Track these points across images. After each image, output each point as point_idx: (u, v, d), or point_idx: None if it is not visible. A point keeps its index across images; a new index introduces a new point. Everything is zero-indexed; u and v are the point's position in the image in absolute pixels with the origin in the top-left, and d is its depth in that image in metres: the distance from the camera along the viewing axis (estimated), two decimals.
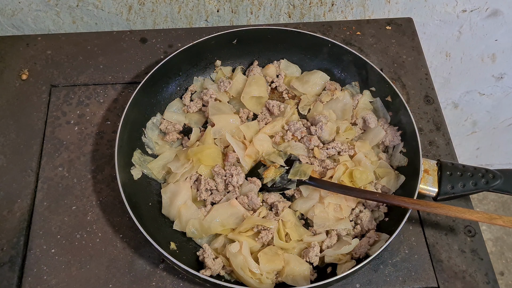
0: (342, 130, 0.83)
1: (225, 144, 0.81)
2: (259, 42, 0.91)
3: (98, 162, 0.81)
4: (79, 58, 0.92)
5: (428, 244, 0.74)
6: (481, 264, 0.73)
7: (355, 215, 0.76)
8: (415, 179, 0.72)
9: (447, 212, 0.67)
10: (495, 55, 1.22)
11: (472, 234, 0.76)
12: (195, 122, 0.86)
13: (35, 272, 0.70)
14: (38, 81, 0.89)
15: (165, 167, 0.79)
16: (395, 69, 0.94)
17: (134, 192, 0.75)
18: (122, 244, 0.73)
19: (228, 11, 1.04)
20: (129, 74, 0.91)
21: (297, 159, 0.79)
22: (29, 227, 0.74)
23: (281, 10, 1.05)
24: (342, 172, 0.77)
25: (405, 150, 0.80)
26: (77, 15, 0.99)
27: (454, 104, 1.41)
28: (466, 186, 0.72)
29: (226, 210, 0.73)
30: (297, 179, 0.76)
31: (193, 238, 0.74)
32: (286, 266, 0.69)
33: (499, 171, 0.72)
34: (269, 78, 0.91)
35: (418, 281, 0.71)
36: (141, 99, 0.82)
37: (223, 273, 0.70)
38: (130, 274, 0.71)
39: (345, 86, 0.90)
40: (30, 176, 0.79)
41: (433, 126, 0.87)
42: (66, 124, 0.84)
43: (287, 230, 0.73)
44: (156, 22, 1.04)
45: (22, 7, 0.95)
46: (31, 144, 0.82)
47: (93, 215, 0.76)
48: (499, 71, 1.29)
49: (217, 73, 0.91)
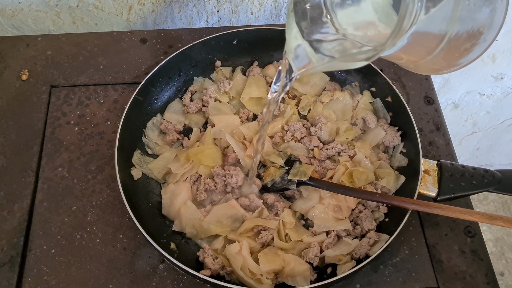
0: (342, 130, 0.83)
1: (225, 145, 0.81)
2: (259, 42, 0.90)
3: (98, 163, 0.81)
4: (79, 59, 0.92)
5: (428, 244, 0.74)
6: (481, 264, 0.73)
7: (355, 216, 0.76)
8: (415, 180, 0.72)
9: (447, 213, 0.67)
10: (495, 56, 1.22)
11: (472, 234, 0.76)
12: (195, 123, 0.86)
13: (35, 273, 0.70)
14: (38, 81, 0.89)
15: (165, 168, 0.79)
16: (395, 69, 0.94)
17: (134, 193, 0.76)
18: (122, 244, 0.73)
19: (228, 12, 1.04)
20: (129, 74, 0.91)
21: (297, 159, 0.79)
22: (29, 228, 0.74)
23: (281, 10, 1.05)
24: (342, 172, 0.77)
25: (405, 151, 0.80)
26: (77, 15, 0.99)
27: (454, 105, 1.41)
28: (466, 187, 0.72)
29: (225, 211, 0.73)
30: (297, 179, 0.76)
31: (193, 238, 0.74)
32: (286, 266, 0.69)
33: (499, 172, 0.72)
34: (269, 79, 0.91)
35: (418, 282, 0.71)
36: (141, 99, 0.82)
37: (223, 273, 0.70)
38: (130, 275, 0.71)
39: (345, 86, 0.90)
40: (30, 176, 0.79)
41: (433, 126, 0.87)
42: (66, 125, 0.84)
43: (287, 230, 0.73)
44: (156, 23, 1.04)
45: (22, 8, 0.95)
46: (31, 144, 0.82)
47: (93, 215, 0.76)
48: (499, 72, 1.29)
49: (217, 73, 0.91)
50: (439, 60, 0.50)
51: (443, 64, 0.52)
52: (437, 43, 0.46)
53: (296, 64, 0.55)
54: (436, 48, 0.47)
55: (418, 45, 0.47)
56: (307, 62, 0.53)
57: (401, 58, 0.52)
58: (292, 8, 0.52)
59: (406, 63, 0.54)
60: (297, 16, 0.52)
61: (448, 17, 0.44)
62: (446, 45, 0.46)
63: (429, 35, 0.46)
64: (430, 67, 0.53)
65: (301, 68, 0.54)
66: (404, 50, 0.47)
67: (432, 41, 0.47)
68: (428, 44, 0.47)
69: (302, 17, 0.52)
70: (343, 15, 0.51)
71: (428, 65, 0.52)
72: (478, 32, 0.47)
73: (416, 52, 0.49)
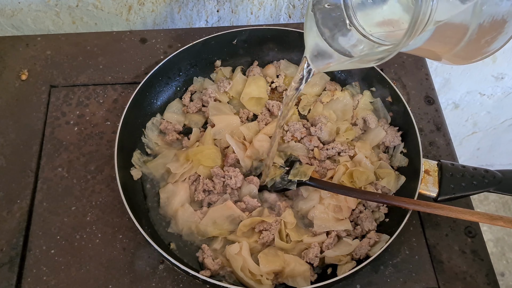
0: (342, 130, 0.82)
1: (225, 145, 0.81)
2: (259, 42, 0.90)
3: (97, 163, 0.80)
4: (79, 59, 0.92)
5: (428, 245, 0.74)
6: (481, 265, 0.73)
7: (356, 216, 0.76)
8: (416, 180, 0.72)
9: (448, 213, 0.67)
10: (495, 56, 1.22)
11: (472, 234, 0.75)
12: (195, 123, 0.86)
13: (35, 273, 0.70)
14: (37, 81, 0.89)
15: (164, 167, 0.79)
16: (396, 69, 0.94)
17: (134, 193, 0.75)
18: (122, 244, 0.73)
19: (228, 11, 1.04)
20: (129, 74, 0.91)
21: (298, 159, 0.78)
22: (29, 228, 0.74)
23: (281, 10, 1.05)
24: (342, 172, 0.77)
25: (406, 151, 0.80)
26: (76, 15, 0.99)
27: (454, 105, 1.41)
28: (467, 187, 0.72)
29: (221, 212, 0.73)
30: (297, 179, 0.75)
31: (191, 240, 0.74)
32: (286, 267, 0.69)
33: (499, 172, 0.72)
34: (269, 78, 0.90)
35: (418, 282, 0.71)
36: (141, 99, 0.82)
37: (223, 273, 0.70)
38: (129, 275, 0.70)
39: (346, 86, 0.90)
40: (29, 176, 0.78)
41: (433, 126, 0.87)
42: (66, 125, 0.84)
43: (287, 230, 0.73)
44: (156, 22, 1.04)
45: (22, 7, 0.95)
46: (31, 144, 0.82)
47: (92, 215, 0.75)
48: (499, 72, 1.29)
49: (217, 73, 0.91)
50: (466, 51, 0.49)
51: (471, 54, 0.51)
52: (462, 34, 0.46)
53: (315, 64, 0.55)
54: (461, 40, 0.46)
55: (443, 38, 0.46)
56: (326, 62, 0.53)
57: (429, 51, 0.52)
58: (312, 7, 0.52)
59: (433, 55, 0.53)
60: (316, 16, 0.52)
61: (470, 10, 0.43)
62: (470, 37, 0.46)
63: (453, 26, 0.45)
64: (460, 56, 0.52)
65: (320, 67, 0.55)
66: (429, 44, 0.46)
67: (457, 32, 0.46)
68: (453, 36, 0.47)
69: (321, 17, 0.52)
70: (363, 14, 0.51)
71: (458, 55, 0.51)
72: (503, 21, 0.46)
73: (442, 45, 0.49)
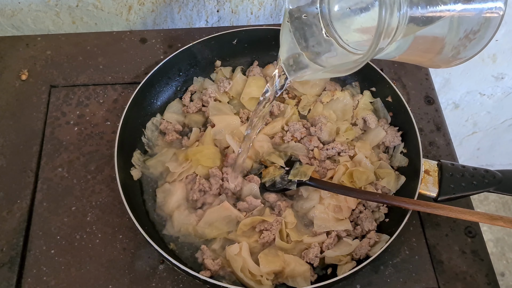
0: (342, 130, 0.82)
1: (225, 145, 0.81)
2: (259, 42, 0.90)
3: (97, 163, 0.80)
4: (79, 59, 0.92)
5: (428, 245, 0.74)
6: (481, 265, 0.73)
7: (356, 216, 0.76)
8: (416, 180, 0.72)
9: (448, 213, 0.67)
10: (495, 56, 1.22)
11: (472, 235, 0.75)
12: (195, 123, 0.86)
13: (35, 273, 0.70)
14: (37, 81, 0.89)
15: (163, 165, 0.79)
16: (396, 69, 0.94)
17: (134, 193, 0.75)
18: (122, 245, 0.73)
19: (228, 11, 1.04)
20: (129, 74, 0.91)
21: (298, 160, 0.78)
22: (29, 228, 0.74)
23: (281, 10, 1.05)
24: (342, 172, 0.77)
25: (406, 151, 0.80)
26: (76, 15, 0.99)
27: (454, 105, 1.41)
28: (467, 187, 0.72)
29: (218, 214, 0.73)
30: (297, 180, 0.75)
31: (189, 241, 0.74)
32: (286, 267, 0.69)
33: (499, 172, 0.72)
34: (269, 78, 0.90)
35: (418, 282, 0.71)
36: (140, 99, 0.81)
37: (223, 274, 0.70)
38: (129, 275, 0.70)
39: (346, 86, 0.90)
40: (29, 176, 0.78)
41: (433, 126, 0.87)
42: (66, 125, 0.84)
43: (287, 230, 0.73)
44: (156, 23, 1.04)
45: (22, 8, 0.95)
46: (31, 144, 0.82)
47: (92, 215, 0.75)
48: (499, 72, 1.29)
49: (217, 73, 0.91)
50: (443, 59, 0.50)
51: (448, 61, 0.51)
52: (441, 45, 0.46)
53: (290, 73, 0.55)
54: (442, 49, 0.47)
55: (422, 47, 0.47)
56: (302, 72, 0.53)
57: (413, 59, 0.52)
58: (288, 17, 0.52)
59: (419, 63, 0.54)
60: (293, 25, 0.52)
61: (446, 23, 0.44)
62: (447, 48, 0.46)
63: (430, 39, 0.46)
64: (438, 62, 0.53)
65: (294, 76, 0.55)
66: (409, 53, 0.47)
67: (435, 43, 0.46)
68: (431, 46, 0.47)
69: (297, 27, 0.52)
70: (340, 23, 0.51)
71: (436, 63, 0.52)
72: (476, 30, 0.47)
73: (424, 54, 0.49)
